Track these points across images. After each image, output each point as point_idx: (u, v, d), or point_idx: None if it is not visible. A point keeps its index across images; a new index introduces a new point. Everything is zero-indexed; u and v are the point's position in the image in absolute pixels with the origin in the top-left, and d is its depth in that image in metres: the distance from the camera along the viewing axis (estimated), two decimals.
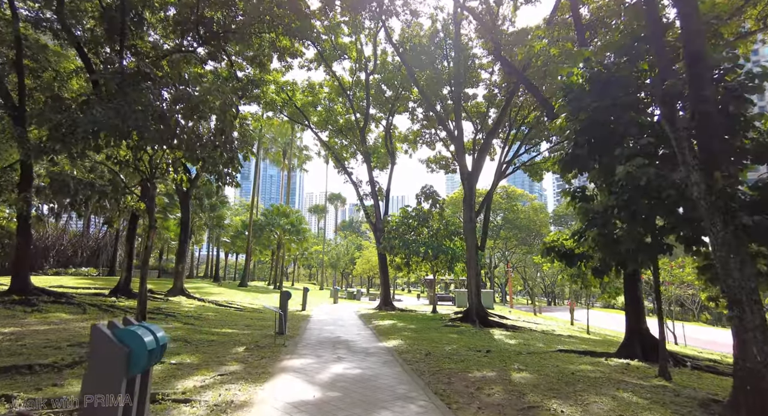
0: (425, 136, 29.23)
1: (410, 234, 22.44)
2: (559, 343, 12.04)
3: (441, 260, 20.95)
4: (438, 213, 22.71)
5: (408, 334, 12.15)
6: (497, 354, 9.13)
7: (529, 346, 10.74)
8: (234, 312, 16.45)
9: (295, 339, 10.65)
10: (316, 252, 72.22)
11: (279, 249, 40.08)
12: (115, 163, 10.33)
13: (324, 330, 12.75)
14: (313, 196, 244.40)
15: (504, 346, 10.37)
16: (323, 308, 23.42)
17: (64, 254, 39.41)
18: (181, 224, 20.82)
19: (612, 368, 8.12)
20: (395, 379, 6.55)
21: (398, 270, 22.23)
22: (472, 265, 15.67)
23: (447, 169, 28.58)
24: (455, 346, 9.90)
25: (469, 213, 15.90)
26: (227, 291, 27.96)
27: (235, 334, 10.77)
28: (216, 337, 9.94)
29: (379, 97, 28.69)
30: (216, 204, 35.13)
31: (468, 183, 16.13)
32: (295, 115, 28.59)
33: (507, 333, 13.43)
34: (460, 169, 17.23)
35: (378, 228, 24.66)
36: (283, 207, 40.66)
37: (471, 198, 16.02)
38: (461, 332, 12.83)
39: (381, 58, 26.98)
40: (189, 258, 48.93)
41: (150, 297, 17.52)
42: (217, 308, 17.62)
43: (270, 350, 8.79)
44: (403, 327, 13.99)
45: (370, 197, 25.93)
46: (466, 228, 15.97)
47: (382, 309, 22.74)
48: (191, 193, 21.18)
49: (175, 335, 9.57)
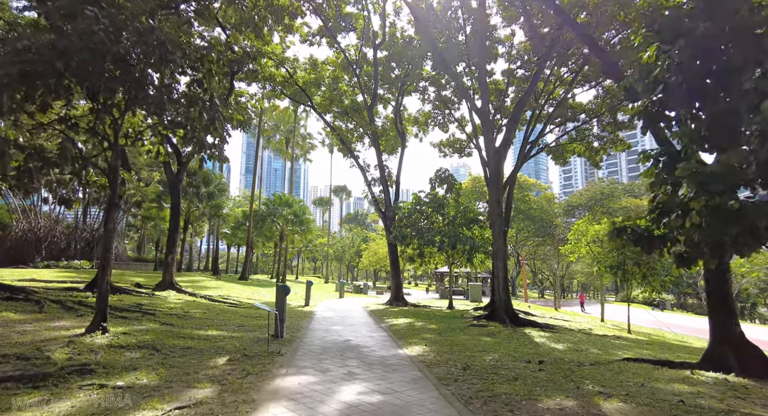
0: (437, 118, 27.00)
1: (424, 223, 20.33)
2: (612, 347, 9.94)
3: (459, 250, 18.84)
4: (454, 198, 20.54)
5: (431, 337, 10.09)
6: (554, 366, 7.05)
7: (583, 353, 8.63)
8: (227, 309, 14.46)
9: (294, 344, 8.62)
10: (321, 245, 70.38)
11: (282, 241, 38.13)
12: (69, 126, 8.27)
13: (330, 332, 10.72)
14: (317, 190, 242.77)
15: (554, 354, 8.27)
16: (328, 303, 21.44)
17: (57, 246, 37.74)
18: (171, 211, 18.83)
19: (718, 389, 6.01)
20: (435, 414, 4.48)
21: (411, 261, 20.14)
22: (500, 256, 13.54)
23: (461, 153, 26.34)
24: (496, 355, 7.81)
25: (496, 196, 13.74)
26: (225, 285, 26.06)
27: (221, 338, 8.75)
28: (195, 343, 7.93)
29: (388, 76, 26.46)
30: (214, 192, 33.11)
31: (494, 161, 13.93)
32: (296, 95, 26.41)
33: (545, 335, 11.34)
34: (484, 146, 15.06)
35: (388, 217, 22.56)
36: (286, 196, 38.61)
37: (498, 178, 13.85)
38: (493, 334, 10.74)
39: (390, 31, 24.71)
40: (189, 251, 47.14)
41: (134, 292, 15.57)
42: (208, 304, 15.65)
43: (260, 361, 6.77)
44: (423, 327, 11.93)
45: (378, 183, 23.81)
46: (493, 213, 13.82)
47: (393, 304, 20.71)
48: (182, 176, 19.15)
49: (143, 340, 7.57)
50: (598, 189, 60.74)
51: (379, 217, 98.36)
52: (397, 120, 24.99)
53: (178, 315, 11.71)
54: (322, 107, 26.94)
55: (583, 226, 20.92)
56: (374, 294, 39.50)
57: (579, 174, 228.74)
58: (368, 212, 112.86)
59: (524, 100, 14.59)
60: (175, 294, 16.94)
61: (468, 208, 19.58)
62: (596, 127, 21.98)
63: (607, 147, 21.79)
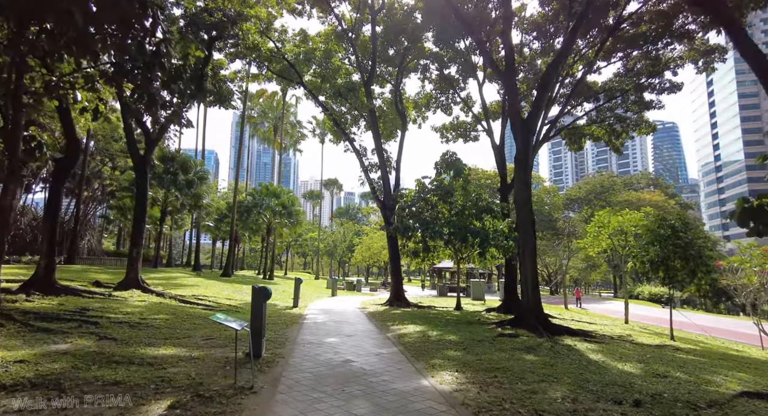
0: (440, 99, 24.61)
1: (428, 212, 17.96)
2: (696, 369, 7.69)
3: (470, 244, 16.53)
4: (462, 185, 18.19)
5: (457, 355, 7.75)
6: (658, 409, 4.76)
7: (673, 382, 6.35)
8: (198, 314, 11.95)
9: (275, 370, 6.23)
10: (311, 240, 67.76)
11: (269, 235, 35.49)
12: None
13: (324, 346, 8.31)
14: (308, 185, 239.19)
15: (637, 384, 5.97)
16: (320, 303, 19.03)
17: (22, 239, 34.67)
18: (137, 198, 16.16)
19: None
20: None
21: (415, 256, 17.77)
22: (528, 249, 11.26)
23: (466, 138, 24.01)
24: (564, 389, 5.49)
25: (524, 177, 11.42)
26: (205, 283, 23.45)
27: (173, 361, 6.30)
28: (131, 373, 5.46)
29: (386, 53, 23.96)
30: (193, 180, 30.20)
31: (522, 135, 11.53)
32: (285, 72, 23.73)
33: (595, 348, 9.08)
34: (510, 117, 12.68)
35: (387, 206, 20.16)
36: (273, 186, 35.88)
37: (527, 155, 11.49)
38: (533, 348, 8.44)
39: (389, 1, 22.17)
40: (169, 245, 44.15)
41: (85, 293, 12.96)
42: (177, 306, 13.12)
43: (220, 410, 4.35)
44: (440, 338, 9.58)
45: (376, 169, 21.36)
46: (520, 197, 11.50)
47: (394, 304, 18.37)
48: (149, 157, 16.44)
49: (46, 372, 5.10)
50: (598, 182, 59.14)
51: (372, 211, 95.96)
52: (397, 99, 22.54)
53: (131, 324, 9.20)
54: (313, 87, 24.34)
55: (605, 217, 18.81)
56: (367, 290, 37.18)
57: (569, 169, 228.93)
58: (360, 206, 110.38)
59: (559, 61, 12.17)
60: (139, 295, 14.36)
61: (480, 196, 17.24)
62: (618, 109, 19.77)
63: (629, 129, 19.62)
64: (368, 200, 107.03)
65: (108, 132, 34.63)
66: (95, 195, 42.36)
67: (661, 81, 18.57)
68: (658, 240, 12.90)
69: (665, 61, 17.77)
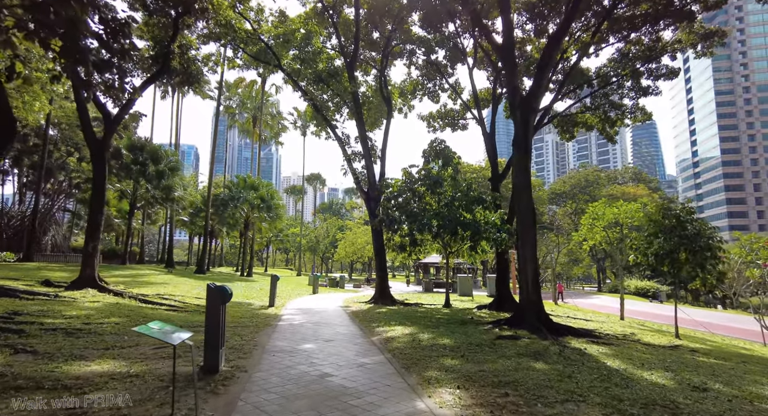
0: (427, 86, 23.40)
1: (416, 204, 16.77)
2: (721, 374, 6.71)
3: (460, 237, 15.43)
4: (451, 175, 17.06)
5: (454, 363, 6.58)
6: None
7: (720, 397, 5.29)
8: (158, 316, 10.49)
9: (232, 391, 4.93)
10: (293, 235, 66.02)
11: (247, 230, 33.77)
12: None
13: (298, 356, 7.03)
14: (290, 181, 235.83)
15: (683, 402, 4.89)
16: (300, 302, 17.70)
17: None
18: (94, 187, 14.47)
19: None
20: None
21: (401, 250, 16.56)
22: (528, 240, 10.16)
23: (454, 126, 22.89)
24: (597, 413, 4.36)
25: (524, 163, 10.29)
26: (175, 281, 21.81)
27: (102, 382, 4.93)
28: (26, 404, 4.08)
29: (369, 37, 22.62)
30: (164, 170, 28.16)
31: (522, 114, 10.34)
32: (262, 55, 22.11)
33: (608, 351, 8.05)
34: (509, 96, 11.52)
35: (371, 197, 18.89)
36: (252, 178, 34.09)
37: (527, 137, 10.34)
38: (540, 354, 7.34)
39: None
40: (141, 241, 41.91)
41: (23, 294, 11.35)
42: (135, 308, 11.62)
43: None
44: (432, 341, 8.41)
45: (360, 158, 20.04)
46: (519, 186, 10.35)
47: (379, 302, 17.16)
48: (108, 142, 14.72)
49: None
50: (582, 176, 59.03)
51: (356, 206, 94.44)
52: (382, 84, 21.22)
53: (68, 332, 7.74)
54: (293, 71, 22.81)
55: (600, 209, 17.96)
56: (351, 286, 35.92)
57: (551, 164, 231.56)
58: (344, 201, 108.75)
59: (559, 36, 11.03)
60: (93, 295, 12.78)
61: (471, 186, 16.13)
62: (614, 95, 18.91)
63: (625, 116, 18.80)
64: (352, 195, 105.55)
65: (73, 119, 32.30)
66: (61, 187, 39.84)
67: (658, 66, 17.78)
68: (663, 232, 12.01)
69: (663, 45, 16.96)
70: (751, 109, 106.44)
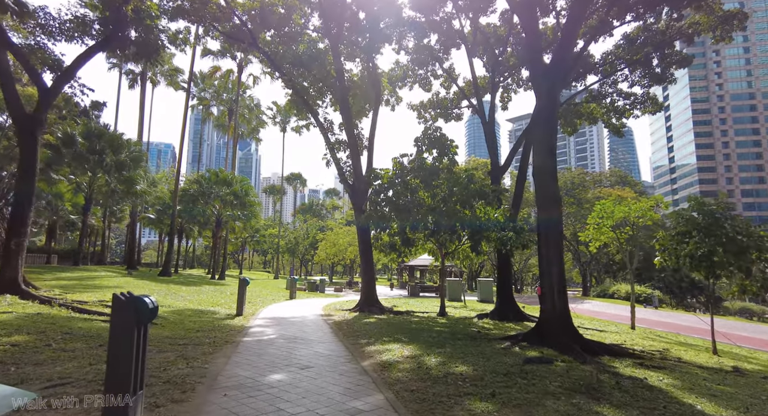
0: (418, 73, 21.51)
1: (407, 199, 14.78)
2: None
3: (458, 236, 13.52)
4: (448, 167, 15.16)
5: (488, 408, 4.54)
6: None
7: None
8: (88, 330, 8.12)
9: None
10: (272, 236, 63.16)
11: (219, 228, 31.10)
12: None
13: (258, 398, 4.85)
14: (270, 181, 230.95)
15: None
16: (274, 309, 15.43)
17: None
18: (20, 171, 11.91)
19: None
20: None
21: (392, 250, 14.50)
22: (553, 238, 8.30)
23: (448, 117, 21.06)
24: None
25: (549, 142, 8.44)
26: (133, 284, 19.16)
27: None
28: None
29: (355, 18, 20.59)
30: (125, 161, 25.31)
31: (546, 85, 8.51)
32: (235, 32, 19.80)
33: (672, 381, 6.20)
34: (531, 61, 9.68)
35: (357, 191, 16.79)
36: (224, 172, 31.40)
37: (553, 111, 8.51)
38: (595, 389, 5.39)
39: None
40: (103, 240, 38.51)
41: None
42: (61, 320, 9.17)
43: None
44: (444, 368, 6.37)
45: (344, 147, 17.93)
46: (542, 171, 8.46)
47: (365, 310, 15.04)
48: (42, 116, 12.13)
49: None
50: (568, 178, 58.29)
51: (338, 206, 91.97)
52: (371, 66, 19.19)
53: None
54: (271, 53, 20.58)
55: (609, 207, 16.35)
56: (332, 291, 33.61)
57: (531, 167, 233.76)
58: (324, 202, 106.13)
59: None
60: (9, 303, 10.25)
61: (472, 178, 14.24)
62: (624, 82, 17.42)
63: (635, 107, 17.32)
64: (333, 196, 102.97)
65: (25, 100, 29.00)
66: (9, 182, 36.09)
67: (671, 52, 16.37)
68: (699, 231, 10.35)
69: (679, 28, 15.52)
70: (725, 116, 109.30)
